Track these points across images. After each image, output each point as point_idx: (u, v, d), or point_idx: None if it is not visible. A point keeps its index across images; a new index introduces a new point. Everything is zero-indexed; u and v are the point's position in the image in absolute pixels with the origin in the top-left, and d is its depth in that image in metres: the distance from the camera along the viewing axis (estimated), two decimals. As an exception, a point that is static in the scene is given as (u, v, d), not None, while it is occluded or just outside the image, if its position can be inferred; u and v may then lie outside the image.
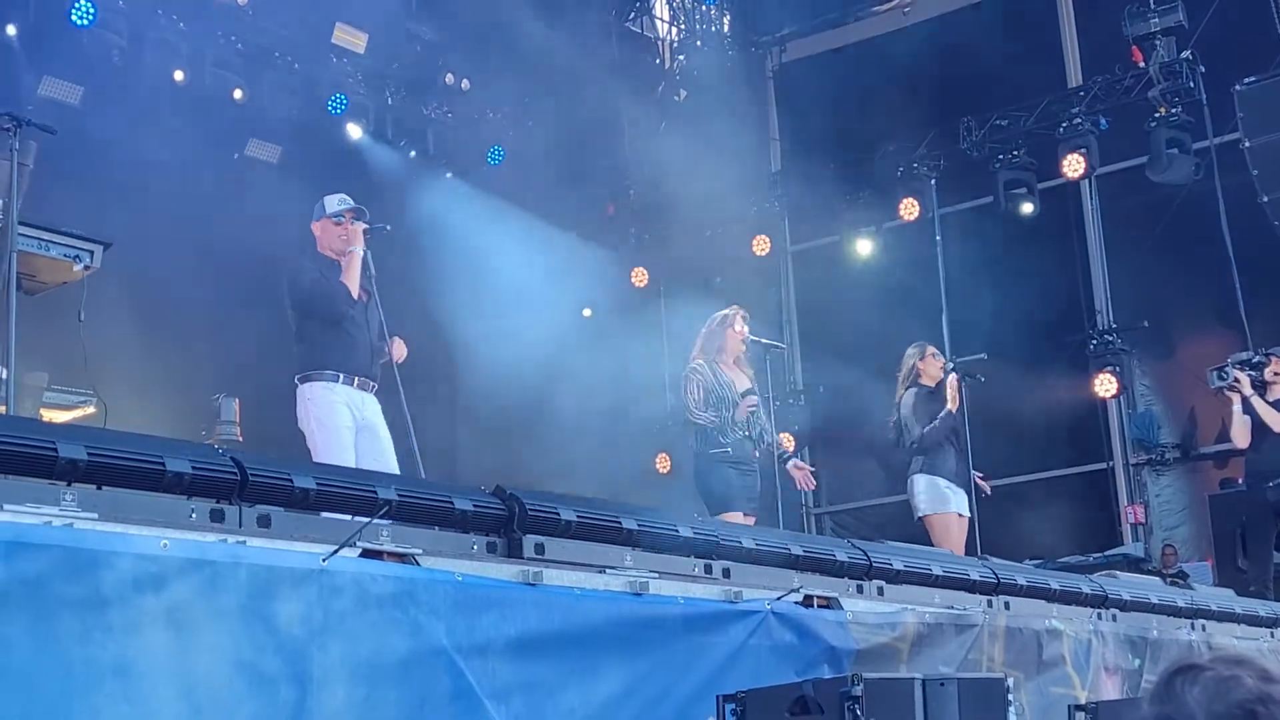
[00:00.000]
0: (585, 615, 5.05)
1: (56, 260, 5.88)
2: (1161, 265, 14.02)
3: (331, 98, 13.81)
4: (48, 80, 11.80)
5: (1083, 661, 7.42)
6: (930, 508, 10.24)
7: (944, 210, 15.24)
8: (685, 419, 9.34)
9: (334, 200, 8.01)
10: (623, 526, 5.55)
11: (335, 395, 7.65)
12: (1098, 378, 14.01)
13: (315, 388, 7.69)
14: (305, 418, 7.69)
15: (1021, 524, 13.21)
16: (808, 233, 16.54)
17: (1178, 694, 1.64)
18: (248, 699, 4.04)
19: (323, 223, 7.97)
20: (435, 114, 14.96)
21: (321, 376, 7.69)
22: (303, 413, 7.72)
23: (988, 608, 7.18)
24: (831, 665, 5.86)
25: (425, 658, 4.49)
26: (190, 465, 4.36)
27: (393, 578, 4.51)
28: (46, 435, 4.21)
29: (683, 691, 5.30)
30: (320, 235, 7.97)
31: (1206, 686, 1.63)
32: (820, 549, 6.64)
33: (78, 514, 3.98)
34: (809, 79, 16.73)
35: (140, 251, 9.77)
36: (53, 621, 3.69)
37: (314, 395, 7.68)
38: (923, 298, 14.92)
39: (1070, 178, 14.26)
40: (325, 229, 7.95)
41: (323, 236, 7.96)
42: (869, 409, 13.95)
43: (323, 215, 7.97)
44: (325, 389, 7.66)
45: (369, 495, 4.77)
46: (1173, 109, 13.53)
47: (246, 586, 4.09)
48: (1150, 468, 14.64)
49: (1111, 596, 8.21)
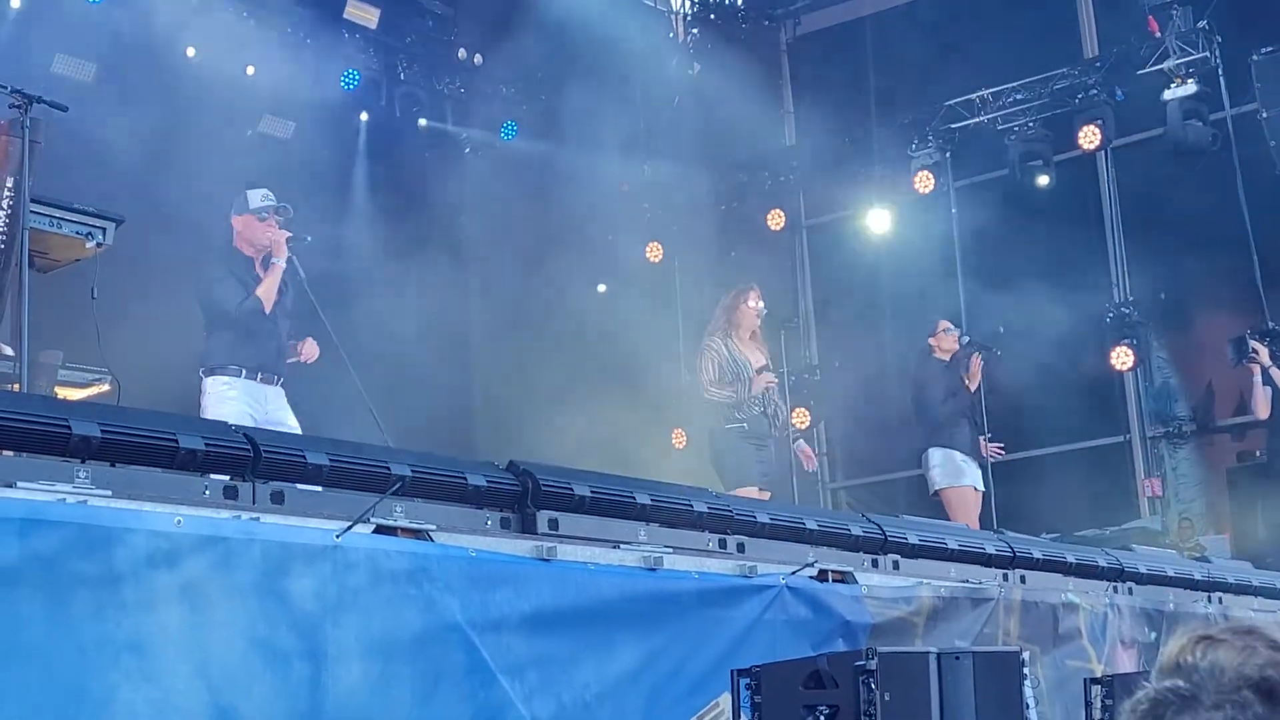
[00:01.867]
0: (599, 590, 5.05)
1: (69, 237, 5.88)
2: (1178, 237, 13.95)
3: (344, 73, 13.78)
4: (60, 58, 11.78)
5: (1099, 635, 7.41)
6: (946, 481, 10.24)
7: (959, 183, 15.18)
8: (702, 395, 9.33)
9: (257, 195, 8.01)
10: (637, 501, 5.55)
11: (232, 390, 7.72)
12: (1114, 351, 13.96)
13: (216, 382, 7.80)
14: (204, 410, 7.73)
15: (1038, 497, 13.19)
16: (822, 207, 16.49)
17: (1190, 664, 1.63)
18: (262, 675, 4.04)
19: (245, 218, 7.98)
20: (448, 89, 14.92)
21: (225, 371, 7.79)
22: (203, 406, 7.78)
23: (1003, 581, 7.17)
24: (846, 639, 5.85)
25: (439, 633, 4.50)
26: (203, 442, 4.36)
27: (407, 554, 4.51)
28: (60, 413, 4.21)
29: (697, 666, 5.30)
30: (242, 230, 7.99)
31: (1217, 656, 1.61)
32: (835, 523, 6.64)
33: (91, 491, 3.98)
34: (823, 52, 16.66)
35: (153, 228, 9.78)
36: (67, 599, 3.70)
37: (213, 390, 7.78)
38: (938, 271, 14.87)
39: (1086, 149, 14.18)
40: (248, 224, 7.97)
41: (244, 231, 7.99)
42: (884, 383, 13.95)
43: (245, 210, 7.98)
44: (225, 384, 7.77)
45: (382, 471, 4.76)
46: (1189, 79, 13.45)
47: (260, 563, 4.09)
48: (1167, 441, 14.60)
49: (1128, 569, 8.19)
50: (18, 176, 5.54)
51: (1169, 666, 1.64)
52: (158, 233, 10.04)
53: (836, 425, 16.13)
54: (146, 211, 9.25)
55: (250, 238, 7.95)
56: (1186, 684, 1.59)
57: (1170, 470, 14.57)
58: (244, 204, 7.99)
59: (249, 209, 7.95)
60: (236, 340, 7.83)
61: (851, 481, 16.30)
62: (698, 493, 6.09)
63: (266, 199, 7.97)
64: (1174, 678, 1.61)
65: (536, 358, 15.03)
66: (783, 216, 16.12)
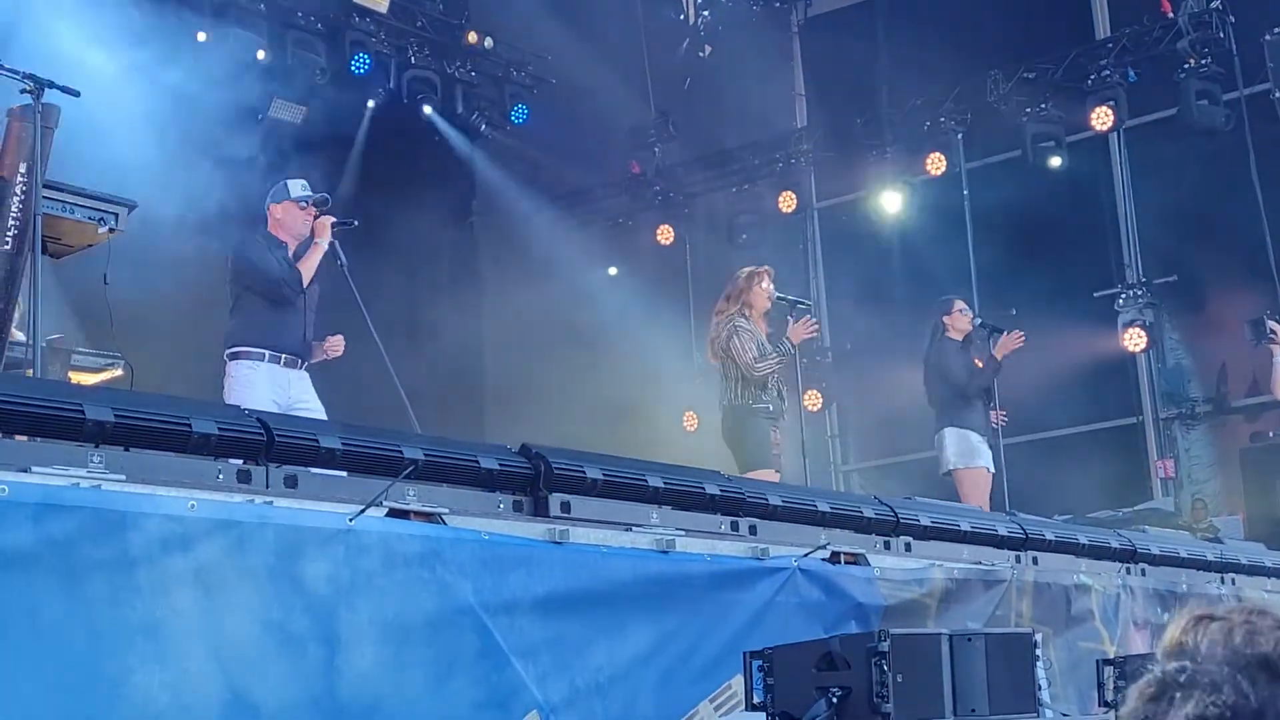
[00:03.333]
0: (612, 573, 5.07)
1: (81, 223, 5.88)
2: (1191, 218, 13.91)
3: (354, 57, 13.79)
4: (70, 42, 11.78)
5: (1111, 616, 7.41)
6: (960, 461, 10.23)
7: (971, 165, 15.14)
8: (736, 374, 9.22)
9: (297, 184, 8.03)
10: (649, 484, 5.56)
11: (257, 374, 7.68)
12: (1127, 332, 13.92)
13: (240, 366, 7.73)
14: (227, 394, 7.69)
15: (1051, 479, 13.17)
16: (834, 188, 16.45)
17: (1193, 645, 1.63)
18: (276, 658, 4.06)
19: (285, 205, 7.97)
20: (458, 73, 14.91)
21: (249, 355, 7.73)
22: (226, 389, 7.74)
23: (1016, 563, 7.17)
24: (859, 622, 5.86)
25: (452, 616, 4.51)
26: (216, 426, 4.37)
27: (419, 537, 4.53)
28: (74, 397, 4.23)
29: (710, 648, 5.31)
30: (281, 217, 7.98)
31: (1225, 636, 1.61)
32: (847, 505, 6.64)
33: (105, 475, 3.99)
34: (834, 33, 16.59)
35: (165, 213, 9.78)
36: (82, 582, 3.72)
37: (237, 374, 7.72)
38: (950, 253, 14.84)
39: (1099, 130, 14.14)
40: (289, 211, 7.96)
41: (284, 219, 7.97)
42: (896, 365, 13.93)
43: (285, 198, 7.98)
44: (249, 368, 7.71)
45: (395, 455, 4.77)
46: (1202, 60, 13.38)
47: (274, 547, 4.11)
48: (1180, 422, 14.57)
49: (1140, 551, 8.18)
50: (30, 162, 5.55)
51: (1172, 648, 1.64)
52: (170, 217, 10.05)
53: (848, 407, 16.12)
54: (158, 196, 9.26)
55: (289, 226, 7.95)
56: (1190, 664, 1.59)
57: (1183, 451, 14.54)
58: (284, 191, 8.00)
59: (289, 197, 7.96)
60: (263, 322, 7.78)
61: (863, 464, 16.29)
62: (710, 475, 6.10)
63: (305, 188, 8.00)
64: (1177, 659, 1.61)
65: (547, 341, 15.04)
66: (794, 198, 16.09)
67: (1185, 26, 13.42)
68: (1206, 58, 13.36)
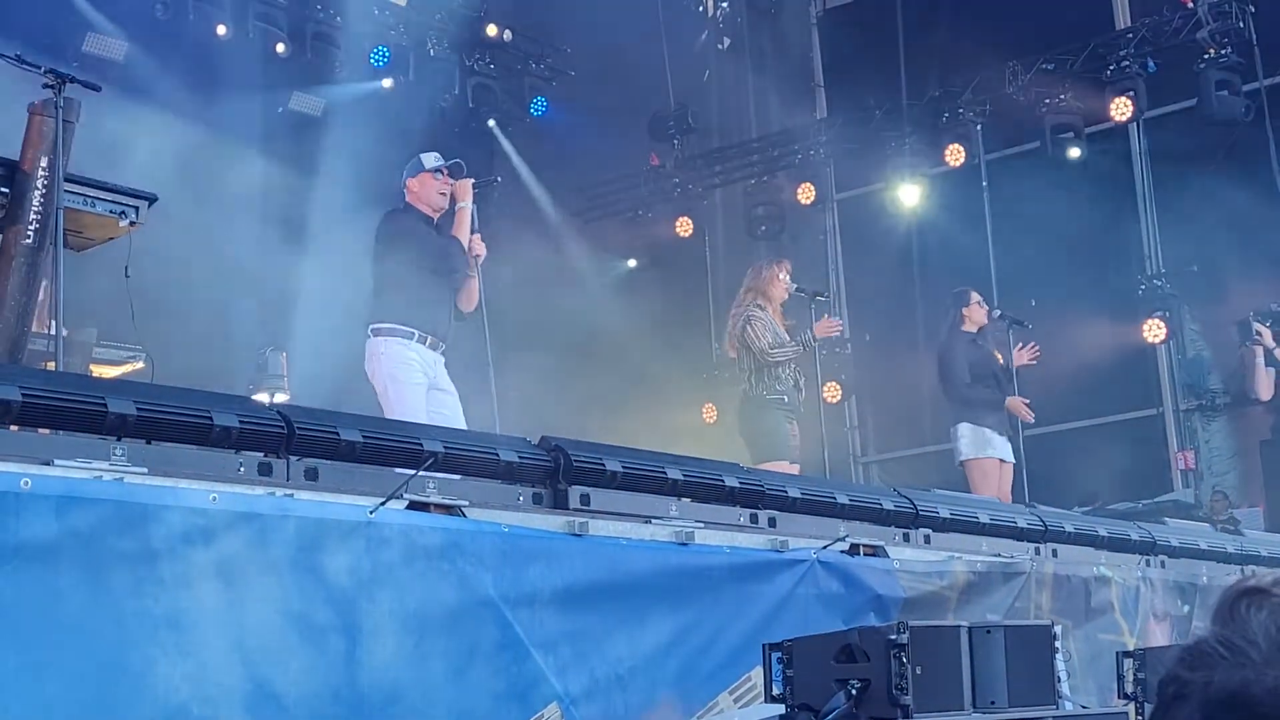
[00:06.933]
0: (631, 565, 5.08)
1: (102, 216, 5.90)
2: (1211, 209, 13.84)
3: (374, 50, 13.80)
4: (92, 37, 11.84)
5: (1131, 608, 7.40)
6: (971, 452, 10.24)
7: (990, 156, 15.10)
8: (751, 365, 9.24)
9: (430, 157, 8.01)
10: (668, 476, 5.57)
11: (411, 352, 7.57)
12: (1147, 323, 13.88)
13: (391, 343, 7.59)
14: (376, 372, 7.61)
15: (1071, 470, 13.14)
16: (852, 180, 16.42)
17: (1241, 616, 1.61)
18: (298, 650, 4.08)
19: (421, 177, 7.91)
20: (478, 65, 14.92)
21: (396, 333, 7.61)
22: (373, 367, 7.64)
23: (1035, 555, 7.17)
24: (879, 614, 5.86)
25: (473, 608, 4.53)
26: (238, 419, 4.39)
27: (440, 529, 4.54)
28: (96, 391, 4.25)
29: (729, 640, 5.32)
30: (418, 189, 7.90)
31: (1273, 611, 1.60)
32: (866, 497, 6.64)
33: (127, 468, 4.01)
34: (852, 24, 16.57)
35: (186, 207, 9.82)
36: (105, 575, 3.74)
37: (389, 350, 7.58)
38: (969, 244, 14.81)
39: (1118, 121, 14.09)
40: (424, 183, 7.90)
41: (420, 190, 7.90)
42: (915, 357, 13.91)
43: (420, 170, 7.93)
44: (401, 345, 7.58)
45: (415, 448, 4.79)
46: (1222, 50, 13.32)
47: (295, 539, 4.13)
48: (1200, 413, 14.51)
49: (1160, 543, 8.17)
50: (52, 156, 5.57)
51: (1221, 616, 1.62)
52: (191, 211, 10.08)
53: (867, 399, 16.10)
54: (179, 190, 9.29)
55: (426, 197, 7.91)
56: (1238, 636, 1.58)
57: (1203, 443, 14.49)
58: (418, 165, 7.96)
59: (425, 168, 7.94)
60: (413, 300, 7.67)
61: (883, 455, 16.27)
62: (729, 467, 6.11)
63: (438, 159, 7.99)
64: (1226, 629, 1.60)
65: (565, 332, 15.04)
66: (813, 190, 16.06)
67: (1205, 16, 13.36)
68: (1226, 48, 13.30)
